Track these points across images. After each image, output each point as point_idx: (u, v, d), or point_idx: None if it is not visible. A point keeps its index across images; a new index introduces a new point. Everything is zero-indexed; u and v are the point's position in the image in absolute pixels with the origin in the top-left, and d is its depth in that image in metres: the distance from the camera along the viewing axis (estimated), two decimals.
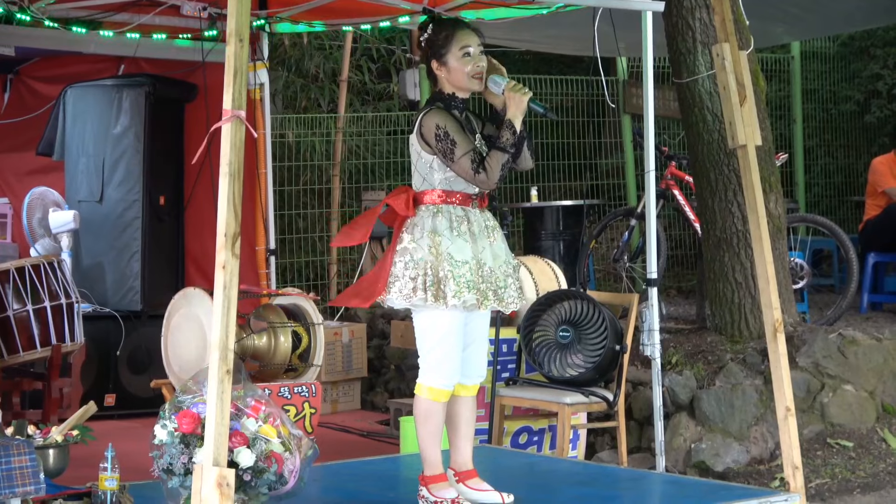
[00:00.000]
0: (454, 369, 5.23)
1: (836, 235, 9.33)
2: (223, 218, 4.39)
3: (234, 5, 4.46)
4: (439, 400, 5.22)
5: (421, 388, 5.23)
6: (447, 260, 5.10)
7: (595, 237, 10.21)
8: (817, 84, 14.06)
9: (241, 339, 7.50)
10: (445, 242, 5.13)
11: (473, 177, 5.11)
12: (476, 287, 5.13)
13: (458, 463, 5.41)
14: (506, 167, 5.12)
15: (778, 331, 5.69)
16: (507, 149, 5.11)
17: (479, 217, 5.28)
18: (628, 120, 12.50)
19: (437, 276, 5.09)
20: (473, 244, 5.18)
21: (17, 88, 9.78)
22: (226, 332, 4.36)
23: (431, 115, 5.17)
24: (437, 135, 5.12)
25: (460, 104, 5.28)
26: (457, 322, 5.18)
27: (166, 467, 4.80)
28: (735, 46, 5.86)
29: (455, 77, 5.22)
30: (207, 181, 8.66)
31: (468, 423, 5.41)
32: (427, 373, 5.23)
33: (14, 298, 7.54)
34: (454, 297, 5.08)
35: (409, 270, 5.13)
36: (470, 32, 5.26)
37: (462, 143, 5.11)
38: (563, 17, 8.37)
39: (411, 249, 5.15)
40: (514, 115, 5.16)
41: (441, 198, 5.21)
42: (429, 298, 5.08)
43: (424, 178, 5.24)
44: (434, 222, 5.17)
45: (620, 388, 7.04)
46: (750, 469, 7.33)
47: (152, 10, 8.41)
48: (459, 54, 5.20)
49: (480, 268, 5.17)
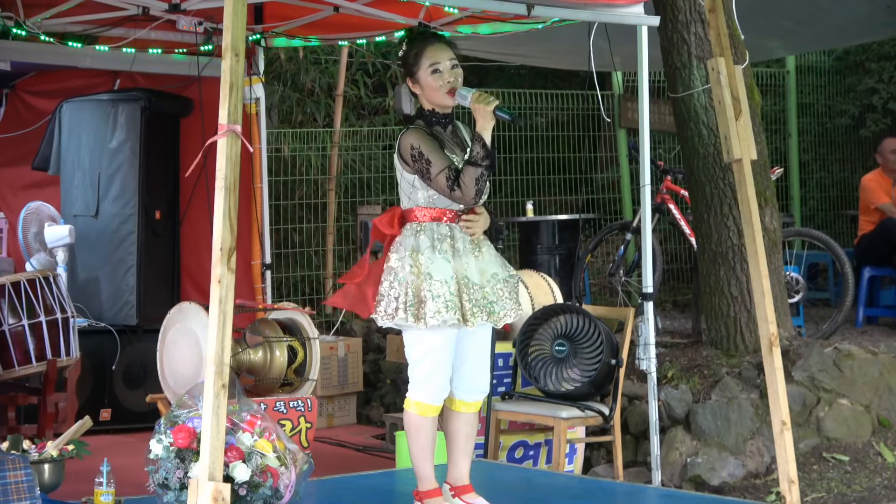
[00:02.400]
0: (442, 384, 5.22)
1: (832, 249, 9.35)
2: (219, 232, 4.39)
3: (229, 20, 4.46)
4: (427, 415, 5.22)
5: (409, 402, 5.24)
6: (427, 279, 5.10)
7: (591, 251, 10.22)
8: (812, 98, 14.08)
9: (237, 353, 7.50)
10: (426, 262, 5.12)
11: (450, 194, 5.10)
12: (457, 305, 5.11)
13: (454, 478, 5.41)
14: (481, 181, 5.08)
15: (774, 345, 5.69)
16: (479, 162, 5.07)
17: (466, 234, 5.26)
18: (624, 134, 12.52)
19: (417, 296, 5.09)
20: (456, 261, 5.17)
21: (13, 103, 9.77)
22: (221, 347, 4.36)
23: (407, 136, 5.17)
24: (413, 155, 5.13)
25: (442, 119, 5.28)
26: (444, 339, 5.17)
27: (162, 482, 4.80)
28: (730, 61, 5.87)
29: (429, 94, 5.23)
30: (203, 195, 8.66)
31: (468, 438, 5.41)
32: (415, 387, 5.23)
33: (9, 313, 7.52)
34: (433, 317, 5.07)
35: (393, 290, 5.14)
36: (441, 47, 5.25)
37: (437, 162, 5.10)
38: (559, 31, 8.38)
39: (396, 269, 5.16)
40: (482, 128, 5.10)
41: (425, 216, 5.21)
42: (409, 318, 5.09)
43: (409, 196, 5.25)
44: (416, 241, 5.17)
45: (616, 402, 7.04)
46: (746, 483, 7.33)
47: (148, 24, 8.41)
48: (429, 71, 5.19)
49: (464, 284, 5.15)
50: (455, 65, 5.23)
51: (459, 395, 5.35)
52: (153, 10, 7.77)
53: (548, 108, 12.69)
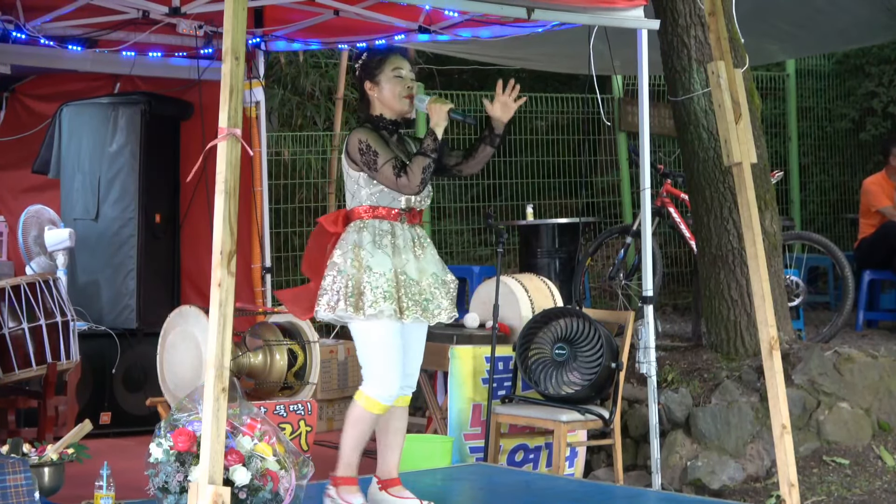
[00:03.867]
0: (396, 382, 5.43)
1: (832, 253, 9.35)
2: (219, 236, 4.39)
3: (230, 23, 4.47)
4: (373, 411, 5.45)
5: (360, 395, 5.47)
6: (366, 272, 5.33)
7: (591, 255, 10.21)
8: (812, 102, 14.08)
9: (237, 356, 7.50)
10: (366, 256, 5.36)
11: (396, 182, 5.37)
12: (394, 297, 5.34)
13: (383, 471, 5.65)
14: (427, 171, 5.36)
15: (774, 348, 5.69)
16: (429, 153, 5.37)
17: (407, 232, 5.50)
18: (624, 137, 12.51)
19: (357, 288, 5.32)
20: (396, 257, 5.41)
21: (13, 106, 9.77)
22: (221, 350, 4.36)
23: (355, 133, 5.49)
24: (360, 149, 5.41)
25: (389, 125, 5.58)
26: (390, 332, 5.39)
27: (162, 485, 4.80)
28: (730, 64, 5.87)
29: (386, 97, 5.54)
30: (203, 199, 8.66)
31: (397, 433, 5.66)
32: (371, 382, 5.44)
33: (9, 316, 7.53)
34: (371, 306, 5.30)
35: (336, 283, 5.37)
36: (402, 58, 5.59)
37: (383, 153, 5.40)
38: (559, 35, 8.38)
39: (339, 264, 5.40)
40: (435, 124, 5.44)
41: (368, 213, 5.47)
42: (348, 309, 5.31)
43: (353, 195, 5.52)
44: (359, 237, 5.42)
45: (616, 405, 7.04)
46: (746, 486, 7.33)
47: (148, 28, 8.42)
48: (392, 75, 5.53)
49: (402, 279, 5.39)
50: (413, 76, 5.59)
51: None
52: (153, 13, 7.78)
53: (548, 112, 12.68)
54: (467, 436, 7.29)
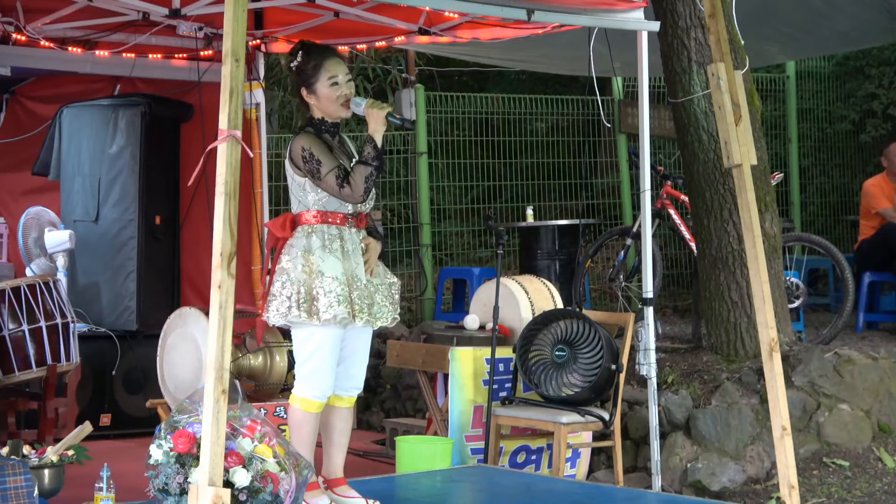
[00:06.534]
0: (326, 382, 5.47)
1: (832, 255, 9.34)
2: (219, 237, 4.40)
3: (230, 25, 4.47)
4: (310, 410, 5.49)
5: (294, 398, 5.51)
6: (318, 277, 5.35)
7: (591, 256, 10.21)
8: (812, 103, 14.08)
9: (237, 358, 7.50)
10: (317, 261, 5.37)
11: (339, 191, 5.38)
12: (347, 300, 5.38)
13: (328, 471, 5.71)
14: (370, 179, 5.37)
15: (774, 350, 5.69)
16: (370, 162, 5.37)
17: (355, 236, 5.55)
18: (624, 139, 12.51)
19: (310, 293, 5.34)
20: (346, 261, 5.44)
21: (13, 108, 9.78)
22: (221, 352, 4.36)
23: (298, 140, 5.45)
24: (304, 156, 5.40)
25: (331, 128, 5.59)
26: (330, 338, 5.42)
27: (162, 487, 4.80)
28: (730, 66, 5.87)
29: (324, 104, 5.54)
30: (203, 201, 8.67)
31: (342, 433, 5.72)
32: (301, 384, 5.49)
33: (9, 318, 7.53)
34: (325, 311, 5.33)
35: (285, 289, 5.38)
36: (338, 62, 5.57)
37: (326, 162, 5.38)
38: (559, 37, 8.38)
39: (288, 269, 5.40)
40: (374, 131, 5.44)
41: (315, 218, 5.47)
42: (302, 315, 5.34)
43: (300, 200, 5.52)
44: (308, 242, 5.43)
45: (616, 407, 7.04)
46: (746, 488, 7.33)
47: (148, 30, 8.42)
48: (328, 83, 5.52)
49: (353, 283, 5.43)
50: (350, 79, 5.58)
51: (336, 390, 5.59)
52: (153, 15, 7.77)
53: (548, 114, 12.68)
54: (468, 437, 7.29)
